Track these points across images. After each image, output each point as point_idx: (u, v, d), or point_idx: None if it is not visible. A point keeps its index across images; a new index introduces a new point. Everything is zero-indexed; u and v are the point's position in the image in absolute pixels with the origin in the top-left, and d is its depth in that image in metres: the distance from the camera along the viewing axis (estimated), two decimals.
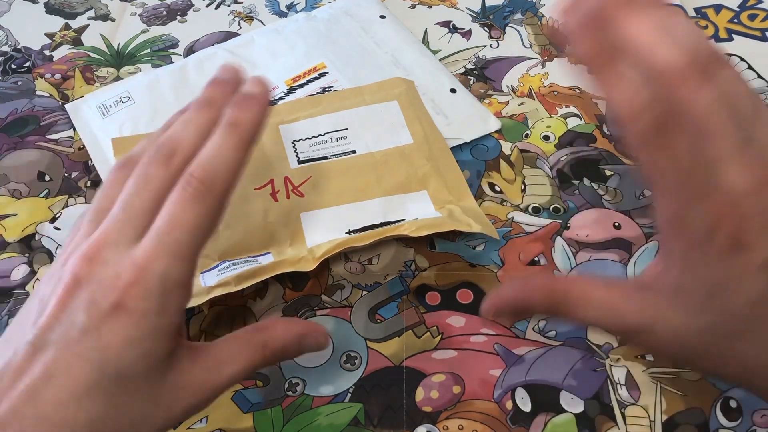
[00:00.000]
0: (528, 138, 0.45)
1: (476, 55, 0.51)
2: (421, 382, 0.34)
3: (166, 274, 0.23)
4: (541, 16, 0.55)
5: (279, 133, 0.42)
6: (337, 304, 0.37)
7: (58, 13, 0.56)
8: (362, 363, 0.35)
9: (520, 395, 0.33)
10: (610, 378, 0.34)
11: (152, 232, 0.24)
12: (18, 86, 0.50)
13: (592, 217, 0.41)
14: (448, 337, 0.35)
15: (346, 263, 0.39)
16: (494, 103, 0.47)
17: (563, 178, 0.42)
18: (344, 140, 0.42)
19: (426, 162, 0.41)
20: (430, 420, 0.33)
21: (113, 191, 0.26)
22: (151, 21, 0.55)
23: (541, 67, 0.50)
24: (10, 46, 0.53)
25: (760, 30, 0.53)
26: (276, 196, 0.39)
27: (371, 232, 0.37)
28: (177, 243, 0.23)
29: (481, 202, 0.41)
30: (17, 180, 0.43)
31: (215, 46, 0.51)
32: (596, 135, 0.45)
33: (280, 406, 0.33)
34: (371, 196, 0.39)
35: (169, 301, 0.23)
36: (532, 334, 0.35)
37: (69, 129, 0.46)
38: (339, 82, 0.47)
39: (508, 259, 0.39)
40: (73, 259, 0.24)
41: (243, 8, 0.56)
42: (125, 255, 0.23)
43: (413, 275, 0.38)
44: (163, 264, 0.23)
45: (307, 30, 0.51)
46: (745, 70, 0.49)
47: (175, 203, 0.24)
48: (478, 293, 0.37)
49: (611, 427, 0.32)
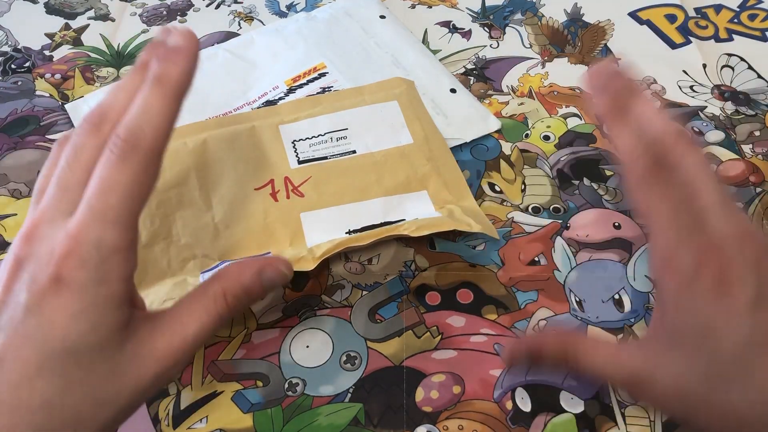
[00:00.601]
0: (528, 138, 0.45)
1: (476, 55, 0.51)
2: (421, 382, 0.34)
3: (101, 240, 0.22)
4: (541, 16, 0.55)
5: (279, 133, 0.42)
6: (337, 304, 0.37)
7: (58, 13, 0.56)
8: (362, 363, 0.35)
9: (520, 395, 0.33)
10: None
11: (83, 201, 0.23)
12: (18, 86, 0.50)
13: (592, 217, 0.41)
14: (448, 337, 0.35)
15: (346, 263, 0.39)
16: (494, 103, 0.47)
17: (563, 178, 0.42)
18: (344, 140, 0.42)
19: (426, 162, 0.41)
20: (430, 420, 0.33)
21: (50, 170, 0.25)
22: (151, 21, 0.55)
23: (541, 67, 0.50)
24: (10, 46, 0.53)
25: (760, 30, 0.53)
26: (276, 196, 0.39)
27: (371, 232, 0.37)
28: (108, 207, 0.23)
29: (481, 202, 0.41)
30: (17, 180, 0.43)
31: (215, 46, 0.51)
32: (596, 135, 0.45)
33: (280, 406, 0.33)
34: (371, 196, 0.39)
35: (108, 268, 0.23)
36: (533, 334, 0.35)
37: (69, 129, 0.46)
38: (339, 82, 0.47)
39: (508, 259, 0.39)
40: (13, 242, 0.23)
41: (243, 8, 0.56)
42: (60, 228, 0.23)
43: (413, 275, 0.38)
44: (96, 231, 0.22)
45: (307, 30, 0.51)
46: (746, 70, 0.50)
47: (102, 167, 0.23)
48: (478, 293, 0.37)
49: (611, 427, 0.32)
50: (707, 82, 0.49)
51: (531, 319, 0.36)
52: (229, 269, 0.27)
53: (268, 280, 0.27)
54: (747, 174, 0.43)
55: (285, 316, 0.36)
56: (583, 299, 0.37)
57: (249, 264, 0.27)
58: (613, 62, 0.27)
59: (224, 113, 0.46)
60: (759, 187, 0.42)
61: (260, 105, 0.46)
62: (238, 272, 0.27)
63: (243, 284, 0.26)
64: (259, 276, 0.27)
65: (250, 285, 0.27)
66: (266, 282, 0.27)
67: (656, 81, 0.49)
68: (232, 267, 0.27)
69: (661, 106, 0.46)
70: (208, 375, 0.34)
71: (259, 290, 0.27)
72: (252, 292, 0.27)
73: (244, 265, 0.27)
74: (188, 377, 0.34)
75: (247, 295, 0.27)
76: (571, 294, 0.37)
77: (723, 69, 0.50)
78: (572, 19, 0.54)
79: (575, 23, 0.54)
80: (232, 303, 0.26)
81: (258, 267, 0.27)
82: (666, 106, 0.47)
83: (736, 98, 0.47)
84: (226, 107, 0.46)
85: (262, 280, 0.27)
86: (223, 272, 0.27)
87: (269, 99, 0.46)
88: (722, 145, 0.44)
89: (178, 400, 0.33)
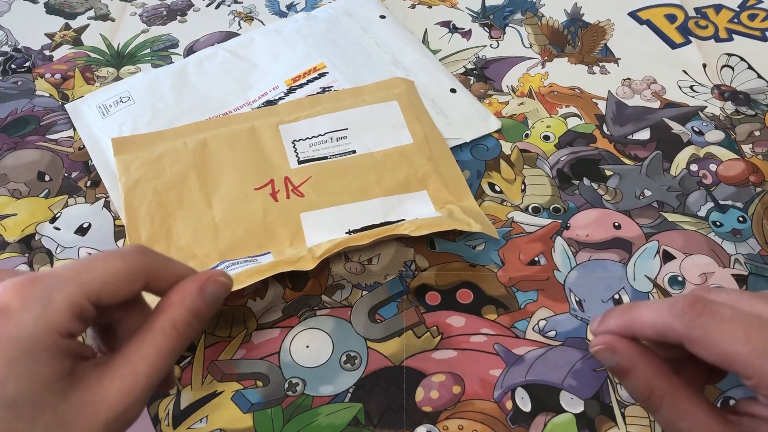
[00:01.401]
0: (528, 138, 0.45)
1: (476, 55, 0.51)
2: (421, 382, 0.34)
3: (50, 298, 0.23)
4: (541, 16, 0.55)
5: (279, 133, 0.42)
6: (337, 304, 0.37)
7: (58, 13, 0.56)
8: (362, 363, 0.35)
9: (520, 395, 0.33)
10: (610, 378, 0.34)
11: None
12: (18, 86, 0.50)
13: (592, 217, 0.41)
14: (448, 337, 0.35)
15: (346, 263, 0.39)
16: (494, 103, 0.47)
17: (563, 178, 0.42)
18: (344, 140, 0.42)
19: (426, 162, 0.41)
20: (430, 420, 0.33)
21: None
22: (151, 21, 0.55)
23: (541, 67, 0.50)
24: (10, 46, 0.53)
25: (760, 30, 0.53)
26: (276, 196, 0.39)
27: (371, 231, 0.37)
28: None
29: (481, 202, 0.41)
30: (17, 180, 0.43)
31: (215, 46, 0.51)
32: (596, 135, 0.45)
33: (280, 406, 0.33)
34: (371, 196, 0.39)
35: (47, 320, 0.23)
36: (532, 334, 0.35)
37: (69, 129, 0.46)
38: (339, 82, 0.47)
39: (508, 259, 0.39)
40: None
41: (243, 8, 0.56)
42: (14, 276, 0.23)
43: (413, 275, 0.38)
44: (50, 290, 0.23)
45: (307, 30, 0.51)
46: (746, 70, 0.50)
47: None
48: (478, 293, 0.37)
49: (611, 427, 0.32)
50: (707, 82, 0.49)
51: (531, 319, 0.36)
52: (170, 297, 0.26)
53: (211, 295, 0.27)
54: (747, 174, 0.43)
55: (285, 316, 0.36)
56: (583, 299, 0.37)
57: (188, 286, 0.27)
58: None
59: (224, 113, 0.46)
60: (759, 187, 0.42)
61: (260, 105, 0.46)
62: (180, 298, 0.26)
63: (189, 308, 0.26)
64: (201, 294, 0.26)
65: (197, 306, 0.26)
66: (210, 298, 0.27)
67: (656, 81, 0.49)
68: (172, 295, 0.26)
69: (660, 105, 0.46)
70: (208, 375, 0.34)
71: (206, 309, 0.27)
72: (200, 312, 0.26)
73: (183, 288, 0.27)
74: (188, 377, 0.34)
75: (196, 318, 0.26)
76: (571, 294, 0.37)
77: (723, 69, 0.50)
78: (572, 19, 0.54)
79: (575, 23, 0.54)
80: (183, 331, 0.26)
81: (198, 285, 0.27)
82: (666, 106, 0.47)
83: (736, 98, 0.47)
84: (226, 107, 0.46)
85: (206, 297, 0.27)
86: (166, 302, 0.26)
87: (269, 99, 0.46)
88: (722, 145, 0.44)
89: (178, 400, 0.34)
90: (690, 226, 0.40)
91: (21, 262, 0.39)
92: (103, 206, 0.42)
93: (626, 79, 0.49)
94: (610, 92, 0.48)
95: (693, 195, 0.42)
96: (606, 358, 0.28)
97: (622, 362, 0.28)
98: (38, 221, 0.41)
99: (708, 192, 0.42)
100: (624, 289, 0.37)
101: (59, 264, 0.38)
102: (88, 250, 0.40)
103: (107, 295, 0.24)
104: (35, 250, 0.40)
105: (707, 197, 0.41)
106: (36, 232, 0.41)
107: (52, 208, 0.42)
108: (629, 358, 0.28)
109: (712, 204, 0.41)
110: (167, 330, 0.25)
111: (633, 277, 0.38)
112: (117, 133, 0.44)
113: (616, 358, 0.28)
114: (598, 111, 0.47)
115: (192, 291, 0.26)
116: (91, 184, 0.43)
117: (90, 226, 0.41)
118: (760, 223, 0.40)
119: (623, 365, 0.28)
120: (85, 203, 0.42)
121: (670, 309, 0.26)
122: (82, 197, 0.42)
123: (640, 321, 0.27)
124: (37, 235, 0.40)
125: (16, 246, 0.40)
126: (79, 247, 0.40)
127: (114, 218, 0.41)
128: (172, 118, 0.45)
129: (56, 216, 0.41)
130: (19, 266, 0.39)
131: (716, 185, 0.42)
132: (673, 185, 0.42)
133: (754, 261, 0.38)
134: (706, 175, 0.43)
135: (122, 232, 0.40)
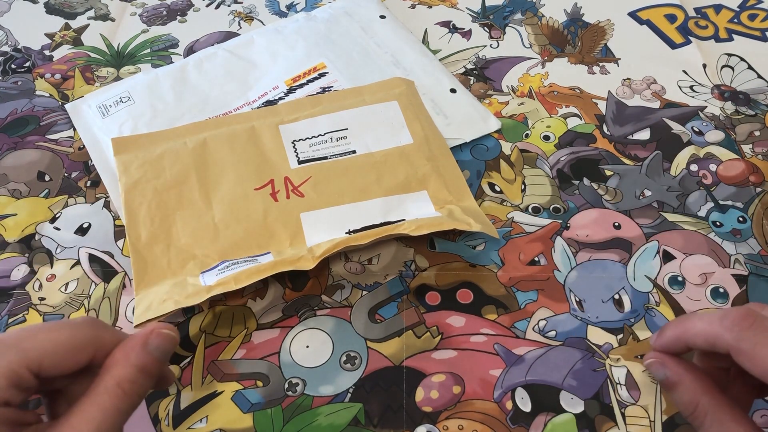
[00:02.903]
0: (528, 138, 0.45)
1: (476, 55, 0.51)
2: (421, 382, 0.34)
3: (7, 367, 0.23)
4: (541, 16, 0.55)
5: (279, 133, 0.42)
6: (337, 304, 0.37)
7: (58, 13, 0.56)
8: (362, 363, 0.35)
9: (520, 395, 0.33)
10: (610, 378, 0.34)
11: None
12: (18, 86, 0.50)
13: (592, 217, 0.41)
14: (448, 337, 0.35)
15: (346, 263, 0.39)
16: (494, 103, 0.47)
17: (563, 178, 0.42)
18: (344, 140, 0.42)
19: (426, 162, 0.41)
20: (430, 420, 0.33)
21: None
22: (151, 21, 0.55)
23: (541, 67, 0.50)
24: (10, 46, 0.53)
25: (760, 30, 0.53)
26: (276, 196, 0.39)
27: (371, 231, 0.37)
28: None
29: (481, 202, 0.41)
30: (17, 180, 0.43)
31: (215, 46, 0.51)
32: (596, 135, 0.45)
33: (280, 406, 0.33)
34: (371, 196, 0.39)
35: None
36: (532, 334, 0.35)
37: (69, 129, 0.46)
38: (339, 82, 0.47)
39: (508, 259, 0.39)
40: None
41: (243, 8, 0.56)
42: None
43: (413, 275, 0.38)
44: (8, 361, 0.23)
45: (307, 30, 0.51)
46: (745, 70, 0.50)
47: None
48: (478, 293, 0.37)
49: (611, 427, 0.32)
50: (707, 82, 0.49)
51: (531, 319, 0.36)
52: (115, 356, 0.26)
53: (157, 349, 0.27)
54: (747, 174, 0.43)
55: (285, 316, 0.36)
56: (583, 299, 0.37)
57: (131, 342, 0.26)
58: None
59: (224, 113, 0.46)
60: (759, 187, 0.42)
61: (260, 105, 0.46)
62: (124, 355, 0.26)
63: (134, 365, 0.26)
64: (145, 349, 0.26)
65: (142, 362, 0.26)
66: (155, 351, 0.27)
67: (656, 81, 0.49)
68: (116, 352, 0.26)
69: (660, 106, 0.45)
70: (208, 375, 0.34)
71: (152, 363, 0.26)
72: (146, 368, 0.26)
73: (126, 345, 0.26)
74: (188, 377, 0.34)
75: (142, 374, 0.26)
76: (571, 294, 0.37)
77: (723, 69, 0.50)
78: (572, 19, 0.54)
79: (575, 23, 0.54)
80: (129, 389, 0.25)
81: (141, 340, 0.26)
82: (666, 106, 0.47)
83: (736, 98, 0.47)
84: (226, 107, 0.46)
85: (151, 351, 0.26)
86: (110, 361, 0.26)
87: (269, 99, 0.46)
88: (722, 145, 0.44)
89: (178, 400, 0.33)
90: (690, 226, 0.40)
91: (21, 262, 0.39)
92: (103, 206, 0.42)
93: (626, 79, 0.49)
94: (610, 92, 0.48)
95: (693, 195, 0.42)
96: (657, 371, 0.30)
97: (670, 376, 0.29)
98: (38, 221, 0.41)
99: (708, 192, 0.42)
100: (624, 289, 0.37)
101: (6, 331, 0.37)
102: (89, 250, 0.40)
103: (50, 366, 0.24)
104: (35, 250, 0.40)
105: (707, 197, 0.41)
106: (36, 232, 0.41)
107: (52, 208, 0.42)
108: (677, 373, 0.29)
109: (712, 204, 0.41)
110: (111, 390, 0.25)
111: (633, 277, 0.38)
112: (117, 133, 0.44)
113: (666, 372, 0.29)
114: (598, 111, 0.47)
115: (135, 346, 0.26)
116: (91, 184, 0.43)
117: (90, 226, 0.41)
118: (760, 223, 0.40)
119: (671, 379, 0.29)
120: (85, 203, 0.42)
121: (721, 320, 0.27)
122: (82, 197, 0.42)
123: (693, 330, 0.28)
124: (37, 235, 0.40)
125: (16, 246, 0.40)
126: (79, 247, 0.40)
127: (114, 218, 0.41)
128: (172, 118, 0.45)
129: (56, 216, 0.41)
130: (19, 266, 0.39)
131: (716, 185, 0.42)
132: (673, 185, 0.42)
133: (754, 261, 0.38)
134: (706, 175, 0.43)
135: (122, 232, 0.40)
